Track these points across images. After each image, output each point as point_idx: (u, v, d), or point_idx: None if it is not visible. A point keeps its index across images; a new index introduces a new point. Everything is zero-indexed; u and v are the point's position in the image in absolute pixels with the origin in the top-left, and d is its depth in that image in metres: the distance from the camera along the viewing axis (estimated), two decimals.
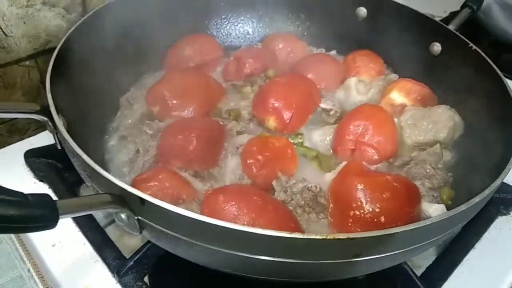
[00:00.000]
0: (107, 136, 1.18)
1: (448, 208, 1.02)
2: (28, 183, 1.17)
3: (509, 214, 1.23)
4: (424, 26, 1.36)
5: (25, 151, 1.23)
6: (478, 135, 1.17)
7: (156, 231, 0.77)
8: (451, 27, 1.31)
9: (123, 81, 1.32)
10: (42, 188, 1.16)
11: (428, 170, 1.07)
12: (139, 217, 0.76)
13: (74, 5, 1.56)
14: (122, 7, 1.33)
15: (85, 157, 0.77)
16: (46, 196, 0.63)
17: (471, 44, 1.23)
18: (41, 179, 1.19)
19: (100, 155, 1.12)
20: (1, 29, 1.52)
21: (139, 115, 1.17)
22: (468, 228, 1.16)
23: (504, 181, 1.17)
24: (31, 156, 1.22)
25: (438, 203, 1.02)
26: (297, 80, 1.20)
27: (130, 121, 1.17)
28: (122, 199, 0.74)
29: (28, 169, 1.21)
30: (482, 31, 1.86)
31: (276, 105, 1.13)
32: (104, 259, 0.99)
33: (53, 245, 1.05)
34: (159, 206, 0.70)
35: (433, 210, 0.97)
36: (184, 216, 0.68)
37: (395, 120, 1.22)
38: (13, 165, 1.21)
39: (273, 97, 1.14)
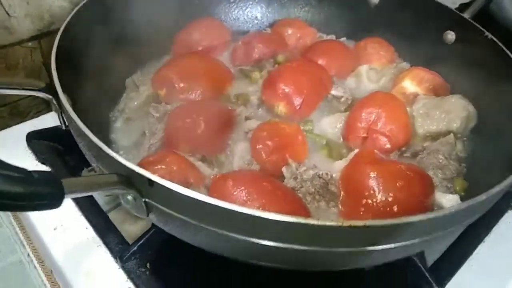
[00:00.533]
0: (113, 118, 1.15)
1: (462, 199, 1.00)
2: (29, 166, 1.13)
3: None
4: (438, 14, 1.33)
5: (27, 133, 1.20)
6: (492, 125, 1.14)
7: (164, 214, 0.74)
8: (466, 15, 1.27)
9: (129, 63, 1.28)
10: (44, 169, 1.14)
11: (441, 160, 1.04)
12: (147, 199, 0.73)
13: None
14: None
15: (91, 136, 0.75)
16: (52, 173, 0.60)
17: (486, 33, 1.19)
18: (43, 161, 1.16)
19: (105, 137, 1.09)
20: (4, 9, 1.48)
21: (145, 97, 1.14)
22: (477, 222, 1.13)
23: None
24: (33, 138, 1.19)
25: (451, 193, 0.99)
26: (308, 65, 1.17)
27: (136, 103, 1.14)
28: (129, 180, 0.71)
29: (30, 151, 1.18)
30: (493, 22, 1.82)
31: (286, 90, 1.10)
32: (107, 244, 0.97)
33: (54, 229, 1.03)
34: (168, 188, 0.67)
35: (447, 200, 0.94)
36: (194, 198, 0.65)
37: (408, 109, 1.19)
38: (14, 147, 1.18)
39: (283, 82, 1.11)
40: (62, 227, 1.03)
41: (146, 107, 1.13)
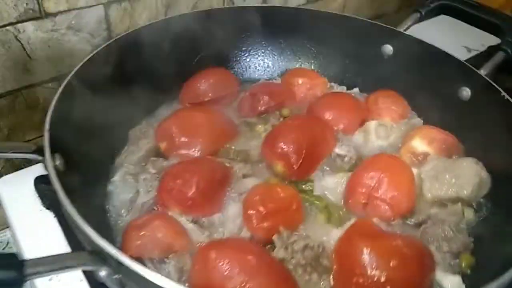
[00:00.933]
0: (112, 171, 1.15)
1: (467, 278, 0.93)
2: (35, 209, 1.16)
3: None
4: (454, 69, 1.27)
5: (35, 176, 1.22)
6: (506, 195, 1.07)
7: None
8: (482, 71, 1.21)
9: (135, 112, 1.29)
10: (48, 216, 1.15)
11: (446, 232, 0.98)
12: (120, 276, 0.71)
13: (99, 30, 1.57)
14: (141, 37, 1.32)
15: (69, 207, 0.74)
16: (13, 256, 0.59)
17: (503, 93, 1.13)
18: (48, 207, 1.17)
19: (102, 191, 1.09)
20: (26, 52, 1.54)
21: (144, 151, 1.13)
22: None
23: None
24: (41, 183, 1.21)
25: (454, 272, 0.92)
26: (310, 122, 1.14)
27: (136, 156, 1.13)
28: (101, 256, 0.70)
29: (37, 195, 1.19)
30: None
31: (285, 149, 1.07)
32: None
33: (50, 279, 1.02)
34: (134, 271, 0.65)
35: (449, 282, 0.87)
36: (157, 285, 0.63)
37: (415, 170, 1.13)
38: (22, 190, 1.20)
39: (282, 140, 1.08)
40: (57, 278, 1.02)
41: (145, 161, 1.13)
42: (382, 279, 0.82)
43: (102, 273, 0.72)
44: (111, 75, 1.22)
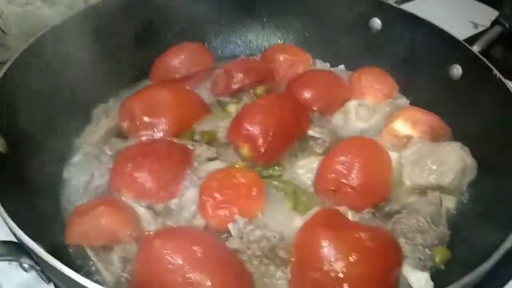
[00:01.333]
0: (72, 153, 1.09)
1: (441, 274, 0.85)
2: None
3: None
4: (445, 45, 1.16)
5: None
6: (493, 182, 0.97)
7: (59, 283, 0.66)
8: (475, 48, 1.10)
9: (103, 90, 1.22)
10: None
11: (421, 224, 0.89)
12: (40, 268, 0.66)
13: (77, 2, 1.50)
14: (110, 9, 1.24)
15: None
16: None
17: (495, 71, 1.02)
18: None
19: (58, 173, 1.04)
20: (0, 27, 1.49)
21: (105, 131, 1.07)
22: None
23: None
24: None
25: (424, 268, 0.84)
26: (280, 102, 1.05)
27: (95, 137, 1.07)
28: (23, 249, 0.64)
29: None
30: None
31: (250, 131, 0.99)
32: None
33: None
34: (50, 264, 0.59)
35: (415, 279, 0.80)
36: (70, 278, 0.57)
37: (395, 155, 1.04)
38: None
39: (248, 121, 1.00)
40: None
41: (105, 142, 1.06)
42: (340, 275, 0.75)
43: (25, 265, 0.67)
44: (75, 49, 1.15)
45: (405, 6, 1.45)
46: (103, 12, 1.21)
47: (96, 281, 0.71)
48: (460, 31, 1.15)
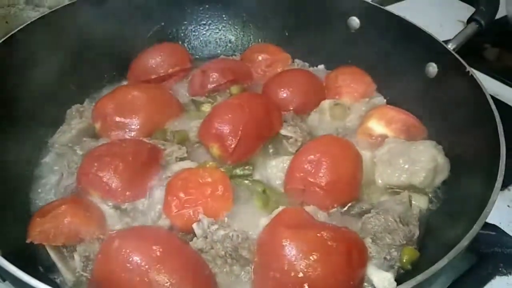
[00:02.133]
0: (44, 152, 1.08)
1: (407, 276, 0.83)
2: None
3: (510, 274, 1.01)
4: (422, 43, 1.15)
5: None
6: (464, 181, 0.96)
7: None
8: (450, 45, 1.09)
9: (78, 90, 1.22)
10: None
11: (390, 223, 0.88)
12: None
13: (61, 3, 1.50)
14: (88, 8, 1.25)
15: None
16: None
17: (468, 68, 1.01)
18: None
19: (29, 172, 1.03)
20: None
21: (76, 131, 1.06)
22: (453, 286, 0.96)
23: (510, 233, 1.03)
24: None
25: (391, 268, 0.83)
26: (252, 101, 1.04)
27: (67, 137, 1.06)
28: None
29: None
30: None
31: (220, 130, 0.98)
32: None
33: None
34: None
35: (378, 279, 0.78)
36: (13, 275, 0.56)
37: (368, 154, 1.04)
38: None
39: (217, 121, 0.99)
40: None
41: (77, 142, 1.06)
42: (300, 275, 0.74)
43: None
44: (51, 48, 1.15)
45: (393, 7, 1.45)
46: (79, 11, 1.21)
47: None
48: (449, 30, 1.14)
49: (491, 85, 1.05)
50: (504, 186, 1.16)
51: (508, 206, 1.15)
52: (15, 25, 1.47)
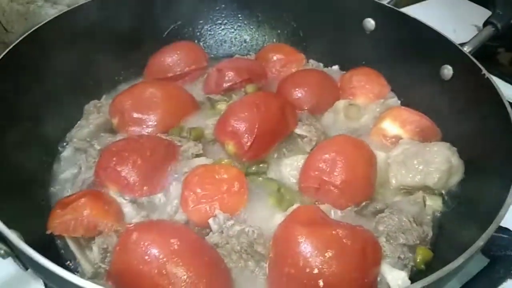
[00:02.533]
0: (66, 144, 1.10)
1: (421, 275, 0.84)
2: None
3: None
4: (437, 46, 1.16)
5: None
6: (479, 183, 0.96)
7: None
8: (466, 48, 1.09)
9: (96, 87, 1.24)
10: None
11: (403, 223, 0.89)
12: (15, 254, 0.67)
13: (78, 2, 1.52)
14: (107, 5, 1.26)
15: None
16: None
17: (484, 71, 1.01)
18: None
19: (48, 167, 1.05)
20: (2, 25, 1.51)
21: (94, 126, 1.08)
22: None
23: None
24: None
25: (404, 267, 0.83)
26: (268, 99, 1.05)
27: (85, 131, 1.08)
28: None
29: None
30: None
31: (236, 128, 0.99)
32: None
33: None
34: (20, 249, 0.60)
35: (392, 278, 0.79)
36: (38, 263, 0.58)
37: (383, 154, 1.04)
38: None
39: (233, 118, 1.00)
40: None
41: (95, 136, 1.08)
42: (315, 271, 0.75)
43: (2, 251, 0.68)
44: (69, 45, 1.17)
45: (407, 10, 1.45)
46: (97, 9, 1.23)
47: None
48: (463, 34, 1.14)
49: (504, 89, 1.05)
50: None
51: None
52: (33, 22, 1.49)
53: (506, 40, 1.74)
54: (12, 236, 0.62)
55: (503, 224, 1.05)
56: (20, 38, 1.05)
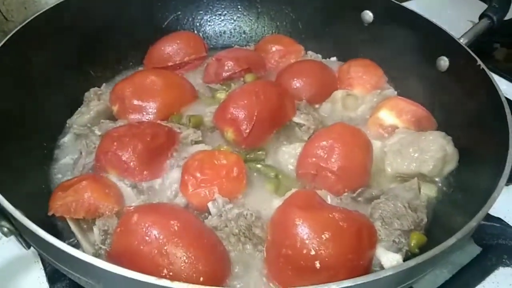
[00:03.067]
0: (63, 133, 1.12)
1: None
2: None
3: None
4: (434, 37, 1.17)
5: None
6: (472, 171, 0.98)
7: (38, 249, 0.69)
8: (462, 40, 1.11)
9: (96, 75, 1.26)
10: None
11: (398, 209, 0.90)
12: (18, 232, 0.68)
13: None
14: None
15: None
16: None
17: (479, 62, 1.03)
18: None
19: (49, 152, 1.07)
20: (2, 14, 1.52)
21: (95, 113, 1.10)
22: (457, 277, 0.99)
23: None
24: None
25: (399, 250, 0.85)
26: (267, 87, 1.07)
27: (85, 118, 1.09)
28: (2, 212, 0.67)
29: None
30: None
31: (235, 115, 1.01)
32: None
33: None
34: (27, 227, 0.62)
35: (387, 260, 0.81)
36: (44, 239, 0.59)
37: (379, 143, 1.06)
38: None
39: (233, 106, 1.02)
40: None
41: (95, 123, 1.09)
42: (312, 253, 0.76)
43: (5, 229, 0.69)
44: (69, 33, 1.18)
45: (405, 4, 1.46)
46: (95, 0, 1.24)
47: None
48: (459, 29, 1.17)
49: (499, 84, 1.07)
50: (508, 182, 1.18)
51: None
52: (33, 11, 1.50)
53: (502, 36, 1.77)
54: (17, 213, 0.63)
55: (496, 213, 1.08)
56: (19, 26, 1.06)
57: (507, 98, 0.96)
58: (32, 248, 0.77)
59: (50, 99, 1.10)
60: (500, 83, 1.42)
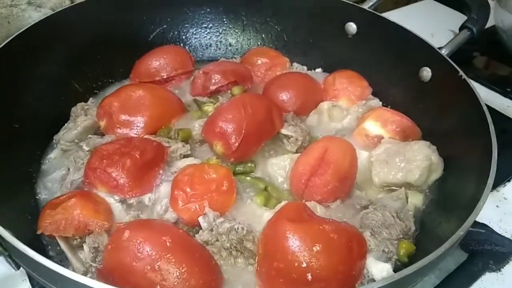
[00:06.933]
0: (50, 148, 1.11)
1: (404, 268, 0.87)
2: None
3: (499, 271, 1.05)
4: (417, 49, 1.20)
5: None
6: (457, 179, 1.00)
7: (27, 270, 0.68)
8: (443, 51, 1.14)
9: (81, 90, 1.25)
10: None
11: (387, 218, 0.92)
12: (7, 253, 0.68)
13: (63, 4, 1.52)
14: (90, 10, 1.27)
15: None
16: None
17: (460, 73, 1.06)
18: None
19: (37, 168, 1.06)
20: None
21: (82, 128, 1.09)
22: (445, 282, 1.00)
23: (499, 232, 1.07)
24: None
25: (388, 260, 0.86)
26: (254, 100, 1.07)
27: (72, 133, 1.09)
28: None
29: None
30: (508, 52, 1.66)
31: (223, 128, 1.01)
32: None
33: None
34: (13, 246, 0.61)
35: (377, 270, 0.82)
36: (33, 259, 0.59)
37: (366, 153, 1.08)
38: None
39: (221, 119, 1.02)
40: None
41: (83, 138, 1.08)
42: (303, 265, 0.77)
43: None
44: (55, 48, 1.18)
45: (387, 15, 1.50)
46: (81, 13, 1.24)
47: None
48: (441, 39, 1.19)
49: (480, 91, 1.10)
50: (492, 188, 1.21)
51: (497, 206, 1.19)
52: (17, 25, 1.49)
53: (481, 45, 1.82)
54: (6, 233, 0.62)
55: (481, 220, 1.11)
56: (4, 43, 1.05)
57: (488, 105, 0.99)
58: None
59: (36, 115, 1.09)
60: (480, 90, 1.47)
